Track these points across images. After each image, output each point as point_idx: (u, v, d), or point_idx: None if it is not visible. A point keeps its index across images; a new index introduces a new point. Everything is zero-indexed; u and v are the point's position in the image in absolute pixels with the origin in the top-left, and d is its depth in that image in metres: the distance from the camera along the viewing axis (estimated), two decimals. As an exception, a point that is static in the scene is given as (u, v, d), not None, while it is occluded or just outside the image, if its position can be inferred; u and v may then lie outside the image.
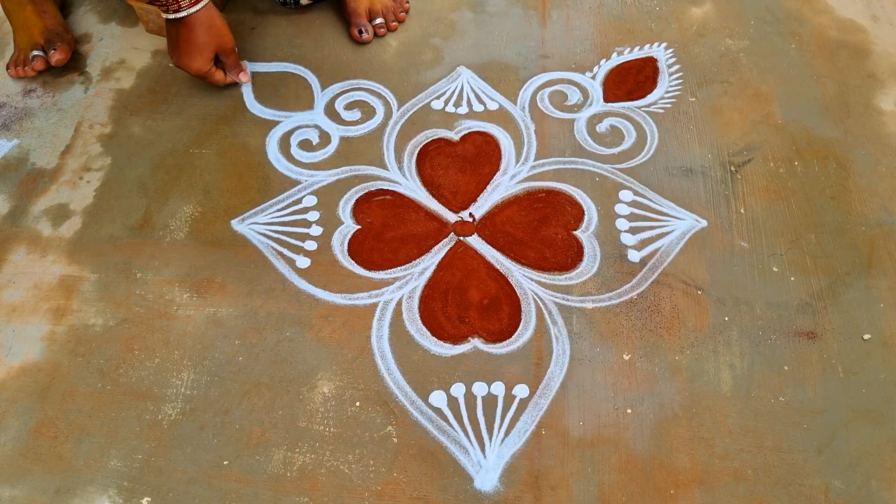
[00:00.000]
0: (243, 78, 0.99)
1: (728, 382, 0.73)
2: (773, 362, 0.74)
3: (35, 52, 0.99)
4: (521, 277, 0.81)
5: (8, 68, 1.01)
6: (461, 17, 1.10)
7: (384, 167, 0.92)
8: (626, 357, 0.75)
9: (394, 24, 1.06)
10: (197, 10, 0.86)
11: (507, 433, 0.70)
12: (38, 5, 1.02)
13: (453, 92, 1.00)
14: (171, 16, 0.86)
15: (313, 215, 0.87)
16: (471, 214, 0.87)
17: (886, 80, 1.00)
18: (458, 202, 0.88)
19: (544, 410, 0.72)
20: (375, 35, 1.06)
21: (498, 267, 0.82)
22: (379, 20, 1.05)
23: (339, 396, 0.73)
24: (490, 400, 0.73)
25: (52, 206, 0.88)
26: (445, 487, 0.67)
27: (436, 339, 0.76)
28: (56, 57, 0.99)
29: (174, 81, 1.01)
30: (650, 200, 0.87)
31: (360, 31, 1.04)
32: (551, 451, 0.69)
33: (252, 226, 0.86)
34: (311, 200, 0.88)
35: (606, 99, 0.98)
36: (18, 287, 0.81)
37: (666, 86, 1.00)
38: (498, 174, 0.91)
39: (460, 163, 0.92)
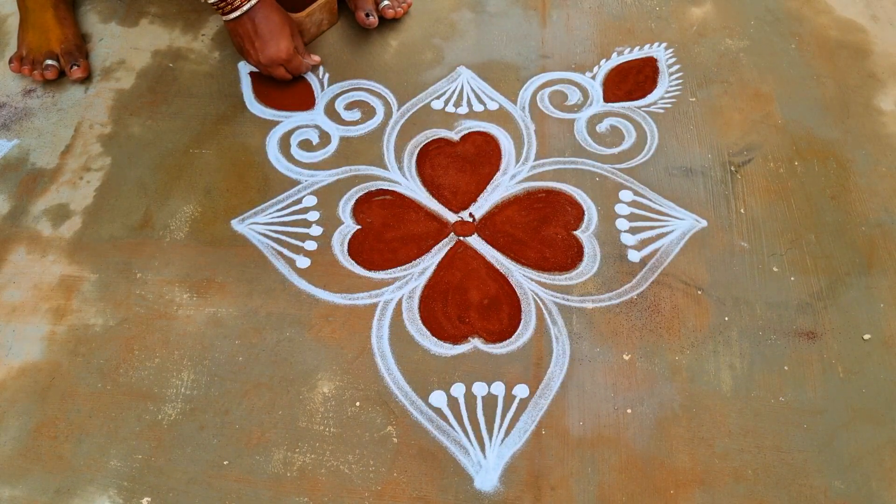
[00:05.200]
0: (316, 58, 1.00)
1: (728, 382, 0.73)
2: (773, 362, 0.74)
3: (50, 61, 0.99)
4: (521, 277, 0.81)
5: (11, 62, 1.00)
6: (461, 17, 1.10)
7: (384, 167, 0.92)
8: (626, 357, 0.75)
9: (398, 9, 1.06)
10: None
11: (507, 433, 0.70)
12: (59, 11, 1.01)
13: (453, 92, 1.00)
14: (246, 6, 0.87)
15: (313, 215, 0.87)
16: (471, 214, 0.87)
17: (886, 80, 1.00)
18: (458, 202, 0.88)
19: (544, 410, 0.72)
20: (381, 20, 1.06)
21: (498, 267, 0.82)
22: (386, 2, 1.05)
23: (339, 396, 0.73)
24: (490, 400, 0.73)
25: (52, 206, 0.88)
26: (445, 487, 0.67)
27: (436, 339, 0.76)
28: (77, 74, 0.99)
29: (174, 81, 1.01)
30: (650, 200, 0.87)
31: (367, 15, 1.03)
32: (551, 451, 0.69)
33: (252, 226, 0.86)
34: (311, 200, 0.88)
35: (606, 99, 0.98)
36: (18, 287, 0.81)
37: (666, 86, 1.00)
38: (498, 174, 0.91)
39: (460, 163, 0.92)
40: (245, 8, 0.88)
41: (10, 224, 0.87)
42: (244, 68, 1.02)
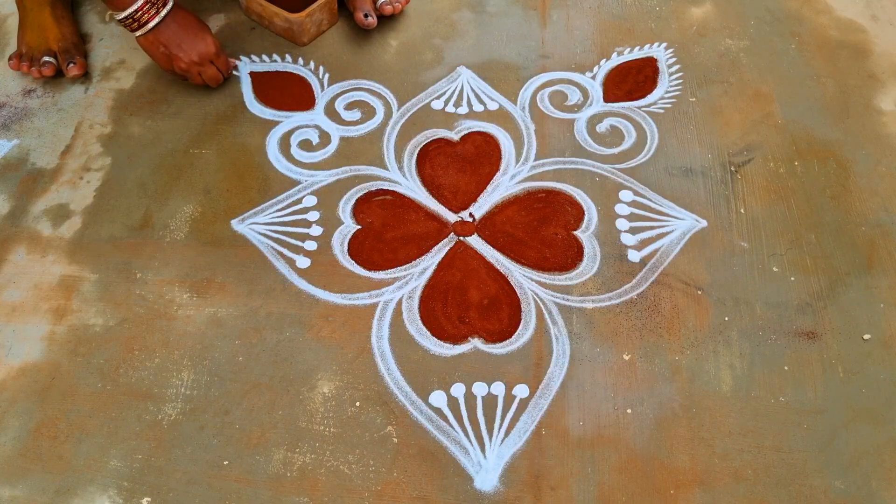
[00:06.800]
0: (233, 61, 1.01)
1: (728, 382, 0.73)
2: (773, 362, 0.74)
3: (47, 58, 0.99)
4: (521, 277, 0.81)
5: (10, 59, 1.00)
6: (461, 17, 1.10)
7: (384, 167, 0.92)
8: (626, 357, 0.75)
9: (396, 4, 1.06)
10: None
11: (507, 433, 0.70)
12: (57, 10, 1.01)
13: (453, 92, 1.00)
14: (164, 11, 0.88)
15: (313, 215, 0.87)
16: (471, 214, 0.87)
17: (886, 80, 1.00)
18: (458, 202, 0.88)
19: (544, 410, 0.72)
20: (380, 21, 1.06)
21: (498, 267, 0.82)
22: None
23: (339, 396, 0.73)
24: (490, 400, 0.73)
25: (52, 206, 0.88)
26: (445, 487, 0.67)
27: (436, 339, 0.76)
28: (73, 72, 0.99)
29: (174, 81, 1.01)
30: (650, 200, 0.87)
31: (366, 15, 1.03)
32: (551, 451, 0.69)
33: (252, 226, 0.86)
34: (311, 200, 0.88)
35: (606, 99, 0.98)
36: (18, 287, 0.81)
37: (666, 86, 1.00)
38: (498, 174, 0.91)
39: (460, 163, 0.92)
40: (163, 13, 0.88)
41: (10, 224, 0.87)
42: (244, 68, 1.02)
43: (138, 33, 0.89)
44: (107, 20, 1.04)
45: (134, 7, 0.86)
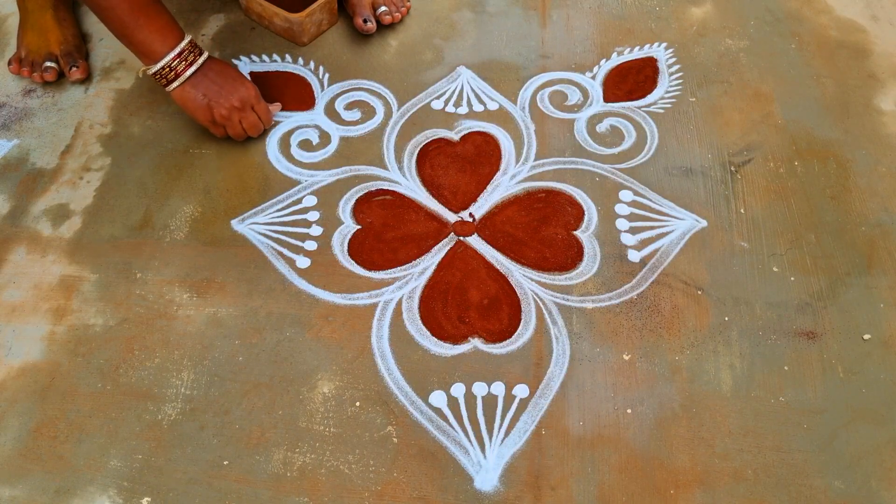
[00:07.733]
0: (277, 105, 0.96)
1: (728, 382, 0.73)
2: (773, 362, 0.74)
3: (49, 63, 0.98)
4: (521, 277, 0.81)
5: (10, 64, 1.00)
6: (461, 17, 1.10)
7: (384, 167, 0.92)
8: (626, 357, 0.75)
9: (396, 14, 1.06)
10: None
11: (507, 433, 0.70)
12: (59, 12, 1.01)
13: (453, 92, 1.00)
14: (200, 60, 0.86)
15: (313, 215, 0.87)
16: (471, 214, 0.87)
17: (886, 80, 1.00)
18: (458, 202, 0.88)
19: (544, 410, 0.72)
20: (380, 25, 1.06)
21: (498, 267, 0.82)
22: (383, 8, 1.05)
23: (339, 396, 0.73)
24: (490, 400, 0.73)
25: (52, 206, 0.88)
26: (445, 487, 0.67)
27: (436, 339, 0.76)
28: (76, 75, 0.99)
29: (174, 81, 1.01)
30: (650, 200, 0.87)
31: (365, 21, 1.03)
32: (551, 451, 0.69)
33: (252, 226, 0.86)
34: (311, 200, 0.88)
35: (606, 99, 0.98)
36: (18, 287, 0.81)
37: (666, 86, 1.00)
38: (498, 174, 0.91)
39: (460, 163, 0.92)
40: (200, 62, 0.85)
41: (10, 224, 0.87)
42: (244, 68, 1.02)
43: (174, 84, 0.85)
44: (139, 76, 1.00)
45: (169, 57, 0.83)
